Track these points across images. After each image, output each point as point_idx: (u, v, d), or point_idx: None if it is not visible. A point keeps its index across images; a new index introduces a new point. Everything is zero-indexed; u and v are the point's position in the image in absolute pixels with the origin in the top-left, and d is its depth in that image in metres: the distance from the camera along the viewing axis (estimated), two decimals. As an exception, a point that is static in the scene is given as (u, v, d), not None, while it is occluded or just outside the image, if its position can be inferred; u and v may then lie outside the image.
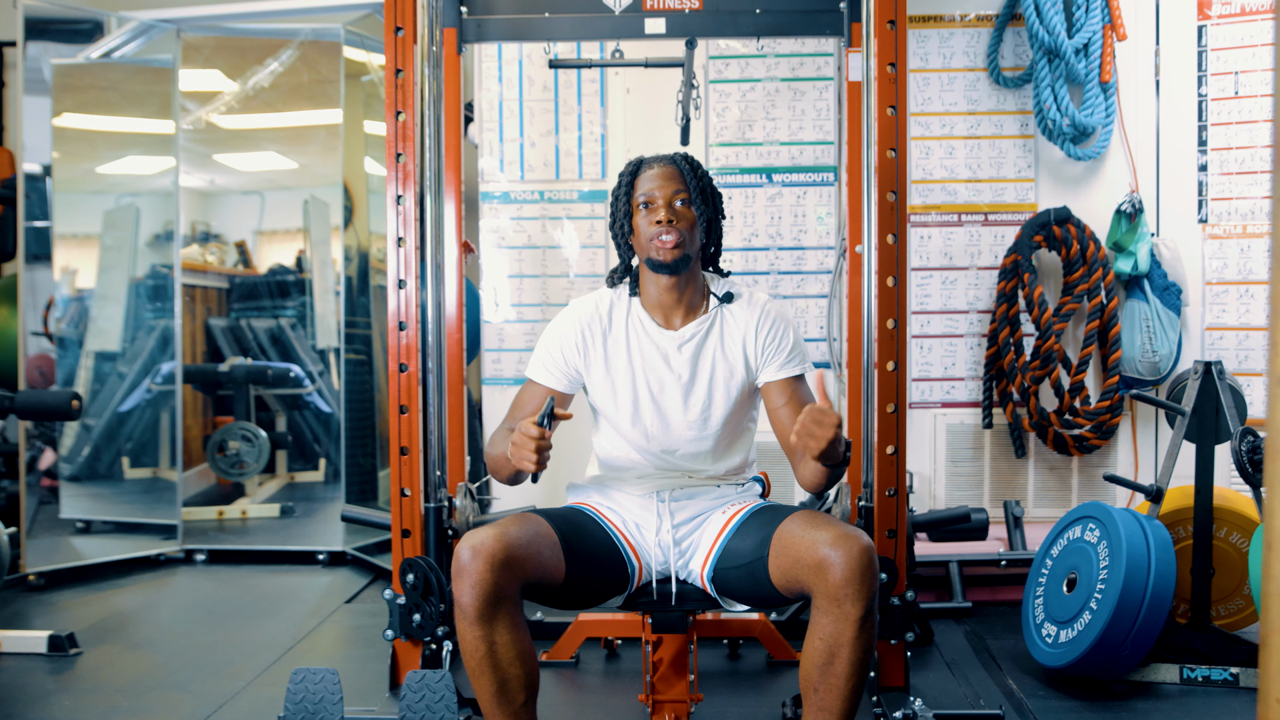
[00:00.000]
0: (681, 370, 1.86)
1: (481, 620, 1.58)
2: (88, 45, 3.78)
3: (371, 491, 4.08)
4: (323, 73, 4.10)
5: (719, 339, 1.88)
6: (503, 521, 1.67)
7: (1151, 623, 2.18)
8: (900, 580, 2.13)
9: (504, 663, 1.60)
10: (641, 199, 1.84)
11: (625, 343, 1.88)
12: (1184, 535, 2.46)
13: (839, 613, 1.56)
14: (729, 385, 1.86)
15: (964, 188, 3.19)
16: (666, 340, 1.87)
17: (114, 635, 2.80)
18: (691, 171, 1.85)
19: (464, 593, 1.57)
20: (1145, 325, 3.03)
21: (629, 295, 1.91)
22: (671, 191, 1.82)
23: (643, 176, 1.86)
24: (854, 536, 1.57)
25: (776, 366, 1.86)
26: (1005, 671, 2.46)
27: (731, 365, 1.87)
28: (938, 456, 3.22)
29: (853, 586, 1.54)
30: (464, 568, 1.57)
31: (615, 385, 1.87)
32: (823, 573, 1.56)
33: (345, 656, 2.65)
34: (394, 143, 2.23)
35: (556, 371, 1.89)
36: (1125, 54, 3.10)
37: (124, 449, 4.13)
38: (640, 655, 2.54)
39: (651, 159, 1.88)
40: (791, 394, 1.85)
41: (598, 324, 1.89)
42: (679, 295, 1.87)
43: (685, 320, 1.88)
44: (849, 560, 1.54)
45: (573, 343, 1.88)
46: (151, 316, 4.12)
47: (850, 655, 1.57)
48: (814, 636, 1.60)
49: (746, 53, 3.19)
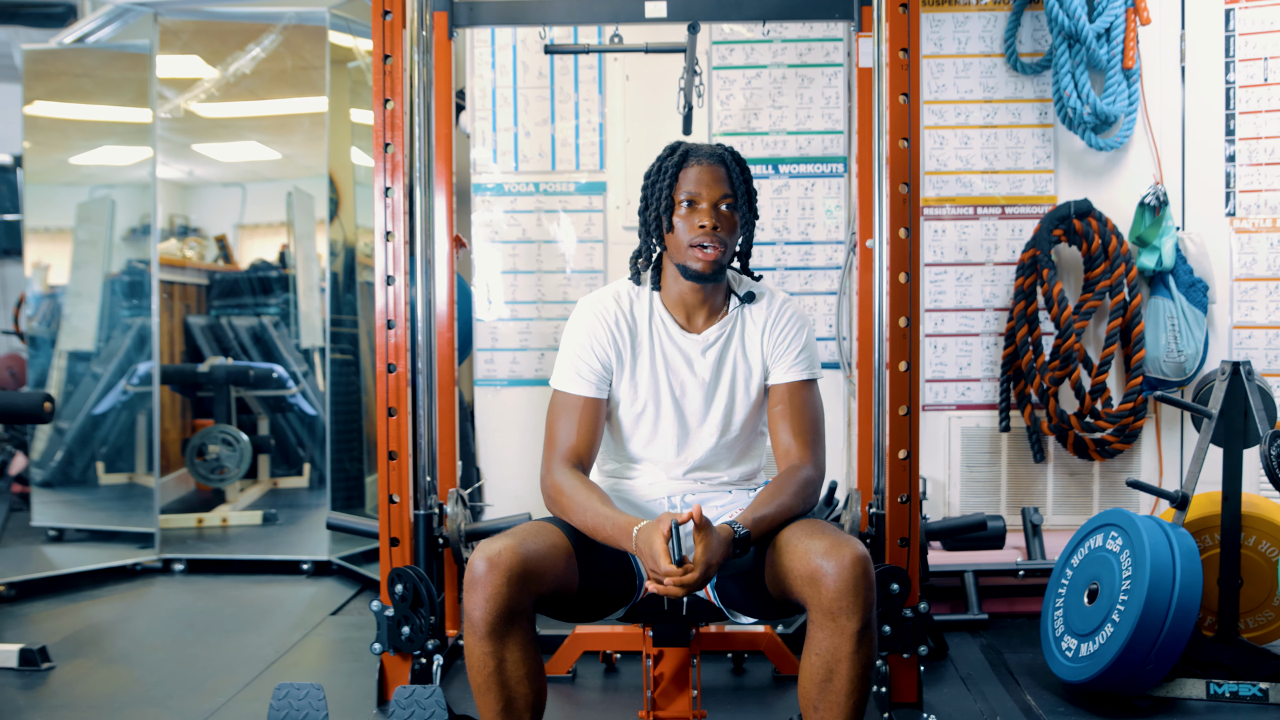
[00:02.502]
0: (704, 374, 1.85)
1: (493, 636, 1.56)
2: (61, 30, 3.78)
3: (358, 498, 4.08)
4: (307, 59, 4.10)
5: (740, 341, 1.87)
6: (518, 531, 1.66)
7: (1176, 636, 2.18)
8: (913, 591, 2.13)
9: (512, 681, 1.59)
10: (685, 197, 1.78)
11: (650, 344, 1.85)
12: (1210, 544, 2.46)
13: (834, 627, 1.55)
14: (749, 387, 1.86)
15: (980, 179, 3.19)
16: (690, 344, 1.85)
17: (88, 649, 2.80)
18: (740, 172, 1.81)
19: (476, 606, 1.55)
20: (1170, 323, 3.02)
21: (650, 289, 1.88)
22: (719, 195, 1.77)
23: (689, 171, 1.79)
24: (848, 545, 1.56)
25: (783, 368, 1.86)
26: (1023, 687, 2.45)
27: (751, 367, 1.87)
28: (952, 461, 3.22)
29: (847, 599, 1.53)
30: (478, 580, 1.55)
31: (638, 388, 1.85)
32: (816, 585, 1.55)
33: (331, 671, 2.65)
34: (382, 132, 2.22)
35: (593, 377, 1.83)
36: (1149, 39, 3.10)
37: (99, 453, 4.13)
38: (640, 670, 2.54)
39: (699, 150, 1.81)
40: (787, 400, 1.84)
41: (624, 322, 1.85)
42: (704, 297, 1.85)
43: (708, 322, 1.86)
44: (842, 571, 1.53)
45: (605, 341, 1.83)
46: (127, 314, 4.12)
47: (849, 671, 1.56)
48: (810, 652, 1.59)
49: (751, 37, 3.19)
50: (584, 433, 1.81)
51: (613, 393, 1.86)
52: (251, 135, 4.71)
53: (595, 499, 1.71)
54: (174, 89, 4.29)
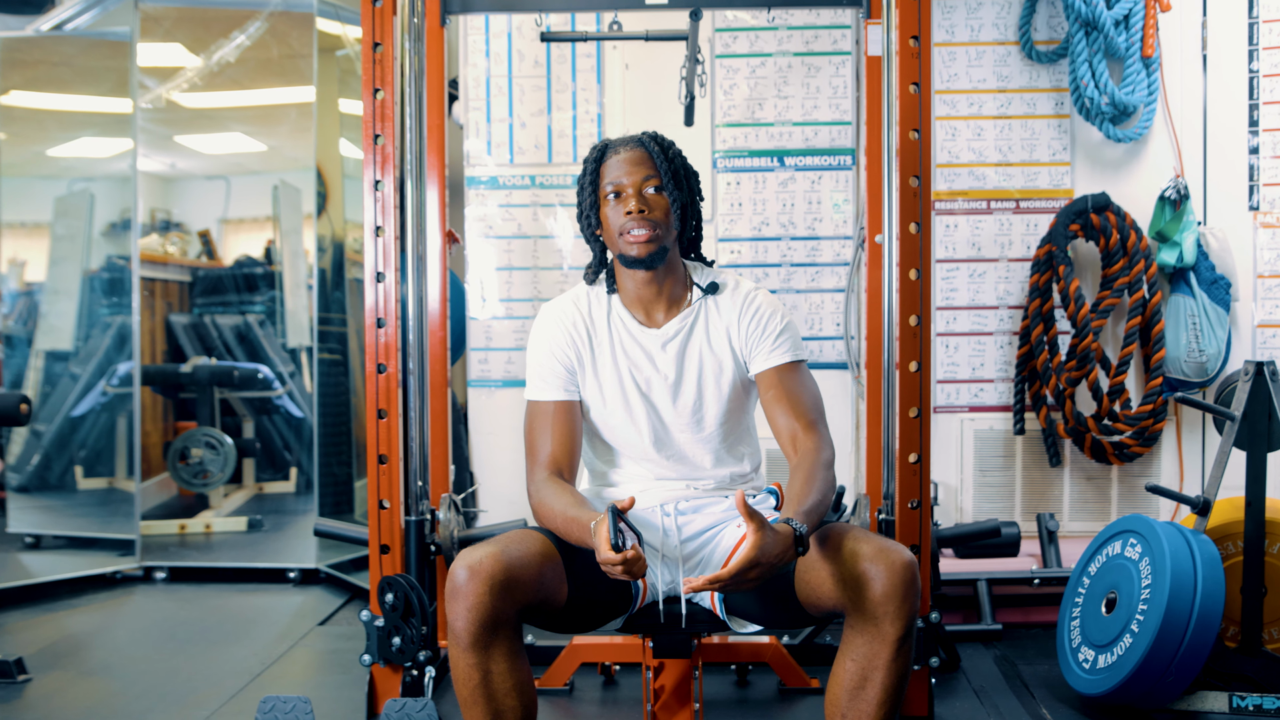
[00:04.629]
0: (668, 370, 1.86)
1: (477, 647, 1.57)
2: (37, 17, 3.78)
3: (347, 503, 4.08)
4: (294, 47, 4.10)
5: (704, 333, 1.88)
6: (501, 539, 1.66)
7: (1198, 647, 2.18)
8: (924, 601, 2.13)
9: (499, 694, 1.60)
10: (609, 188, 1.83)
11: (610, 345, 1.88)
12: (1233, 551, 2.46)
13: (875, 632, 1.56)
14: (719, 382, 1.86)
15: (993, 172, 3.19)
16: (650, 339, 1.87)
17: (66, 660, 2.80)
18: (662, 153, 1.84)
19: (458, 617, 1.56)
20: (1191, 322, 3.03)
21: (607, 293, 1.90)
22: (641, 178, 1.81)
23: (608, 163, 1.84)
24: (897, 550, 1.58)
25: (764, 354, 1.85)
26: (1038, 700, 2.45)
27: (720, 360, 1.87)
28: (964, 465, 3.22)
29: (893, 604, 1.54)
30: (459, 589, 1.56)
31: (604, 390, 1.87)
32: (860, 588, 1.56)
33: (318, 683, 2.65)
34: (372, 123, 2.23)
35: (557, 381, 1.87)
36: (1169, 26, 3.10)
37: (77, 457, 4.13)
38: (640, 682, 2.54)
39: (617, 142, 1.87)
40: (778, 385, 1.84)
41: (581, 325, 1.88)
42: (658, 289, 1.87)
43: (668, 316, 1.88)
44: (891, 575, 1.54)
45: (564, 343, 1.87)
46: (107, 312, 4.12)
47: (885, 680, 1.57)
48: (845, 658, 1.60)
49: (756, 25, 3.19)
50: (560, 438, 1.83)
51: (581, 395, 1.89)
52: (236, 126, 4.72)
53: (567, 501, 1.72)
54: (155, 78, 4.29)
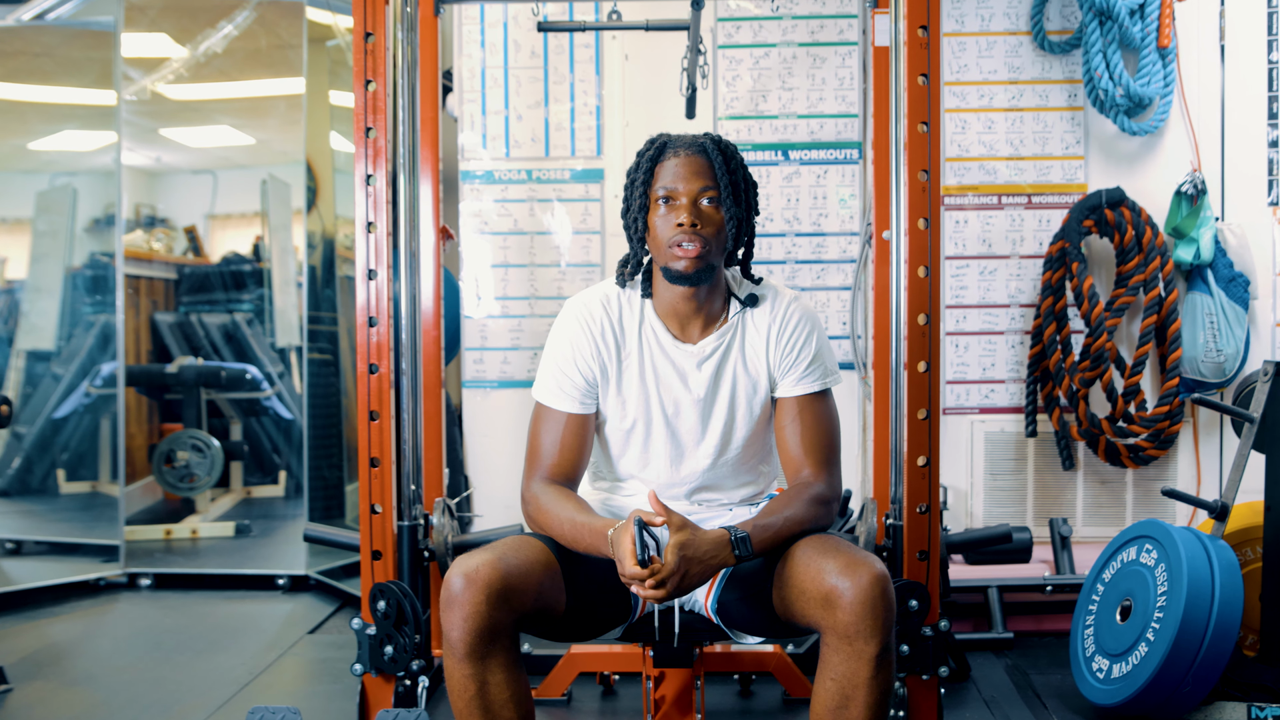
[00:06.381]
0: (699, 390, 1.82)
1: (472, 658, 1.56)
2: (18, 6, 3.78)
3: (338, 508, 4.08)
4: (283, 37, 4.10)
5: (740, 351, 1.84)
6: (498, 545, 1.66)
7: (1215, 656, 2.18)
8: (933, 608, 2.13)
9: (496, 705, 1.59)
10: (661, 192, 1.75)
11: (639, 357, 1.83)
12: (1252, 557, 2.46)
13: (850, 651, 1.55)
14: (751, 403, 1.84)
15: (1005, 166, 3.19)
16: (684, 356, 1.82)
17: (48, 670, 2.80)
18: (724, 162, 1.76)
19: (454, 626, 1.55)
20: (1209, 321, 3.03)
21: (641, 296, 1.85)
22: (698, 188, 1.74)
23: (665, 165, 1.77)
24: (865, 563, 1.56)
25: (792, 381, 1.83)
26: (1051, 711, 2.46)
27: (754, 379, 1.84)
28: (975, 468, 3.22)
29: (866, 621, 1.53)
30: (455, 598, 1.55)
31: (626, 406, 1.83)
32: (830, 606, 1.55)
33: (308, 693, 2.66)
34: (363, 115, 2.22)
35: (576, 392, 1.82)
36: (1186, 16, 3.10)
37: (59, 460, 4.13)
38: (640, 692, 2.54)
39: (678, 142, 1.79)
40: (799, 415, 1.82)
41: (611, 333, 1.82)
42: (698, 305, 1.81)
43: (704, 332, 1.83)
44: (859, 591, 1.53)
45: (589, 353, 1.82)
46: (90, 311, 4.12)
47: (866, 698, 1.56)
48: (824, 677, 1.59)
49: (759, 14, 3.19)
50: (568, 449, 1.81)
51: (600, 407, 1.85)
52: (223, 119, 4.71)
53: (573, 507, 1.71)
54: (140, 69, 4.30)
